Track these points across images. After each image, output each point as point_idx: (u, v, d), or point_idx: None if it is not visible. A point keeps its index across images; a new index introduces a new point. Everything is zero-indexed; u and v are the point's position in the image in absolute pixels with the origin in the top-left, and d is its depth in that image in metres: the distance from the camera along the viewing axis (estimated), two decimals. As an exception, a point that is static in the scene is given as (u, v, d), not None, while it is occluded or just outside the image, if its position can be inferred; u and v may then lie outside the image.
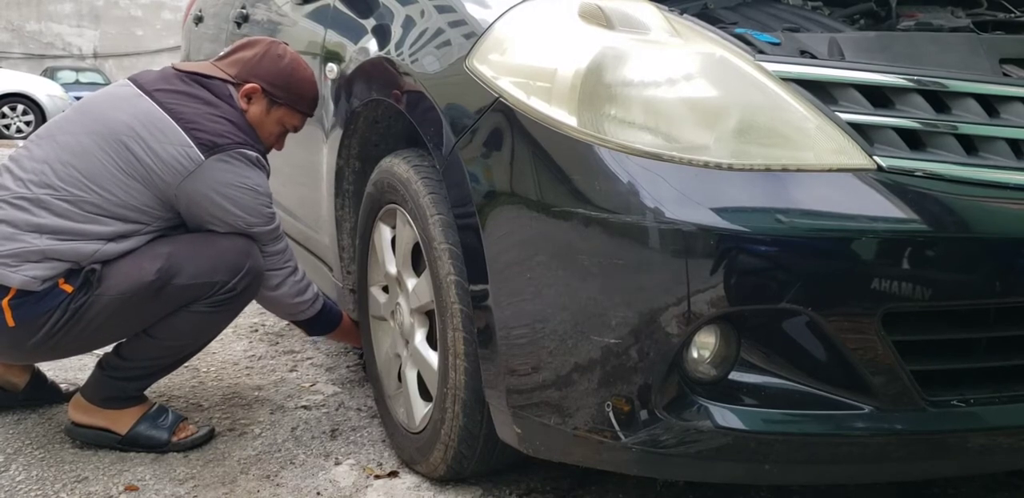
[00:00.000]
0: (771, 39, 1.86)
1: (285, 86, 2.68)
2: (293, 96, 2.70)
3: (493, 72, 1.95)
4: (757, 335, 1.72)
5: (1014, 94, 1.79)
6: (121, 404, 2.61)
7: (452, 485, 2.35)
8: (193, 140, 2.43)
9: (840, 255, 1.64)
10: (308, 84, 2.74)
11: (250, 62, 2.68)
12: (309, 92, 2.75)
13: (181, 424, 2.64)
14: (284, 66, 2.69)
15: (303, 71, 2.73)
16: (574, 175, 1.77)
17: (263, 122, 2.69)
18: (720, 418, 1.71)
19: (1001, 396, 1.77)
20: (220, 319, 2.59)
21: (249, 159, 2.50)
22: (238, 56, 2.71)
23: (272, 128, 2.72)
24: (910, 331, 1.70)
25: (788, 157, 1.68)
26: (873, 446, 1.73)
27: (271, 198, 2.56)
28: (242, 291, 2.53)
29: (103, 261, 2.41)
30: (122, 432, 2.59)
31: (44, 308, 2.37)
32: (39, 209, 2.37)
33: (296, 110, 2.73)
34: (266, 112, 2.68)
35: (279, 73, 2.68)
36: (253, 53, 2.70)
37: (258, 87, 2.65)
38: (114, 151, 2.42)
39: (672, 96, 1.74)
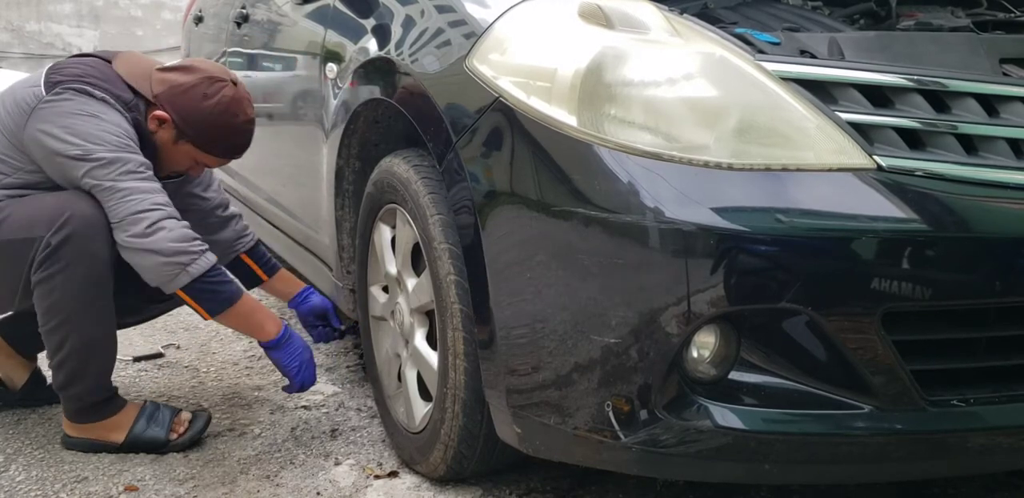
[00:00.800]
0: (771, 39, 1.86)
1: (197, 126, 2.52)
2: (206, 140, 2.55)
3: (493, 72, 1.95)
4: (757, 335, 1.72)
5: (1014, 94, 1.80)
6: (98, 414, 2.56)
7: (452, 485, 2.35)
8: (44, 80, 2.41)
9: (840, 255, 1.64)
10: (229, 131, 2.57)
11: (176, 89, 2.52)
12: (228, 139, 2.59)
13: (177, 418, 2.61)
14: (205, 107, 2.51)
15: (228, 118, 2.54)
16: (574, 175, 1.77)
17: (170, 150, 2.57)
18: (720, 418, 1.72)
19: (1001, 396, 1.77)
20: (63, 284, 2.37)
21: (92, 95, 2.40)
22: (172, 76, 2.54)
23: (179, 158, 2.61)
24: (910, 331, 1.70)
25: (788, 157, 1.68)
26: (873, 446, 1.73)
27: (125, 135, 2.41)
28: (60, 244, 2.33)
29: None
30: (119, 441, 2.56)
31: None
32: None
33: (206, 152, 2.59)
34: (173, 142, 2.55)
35: (196, 112, 2.51)
36: (184, 81, 2.52)
37: (167, 118, 2.51)
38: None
39: (672, 96, 1.74)
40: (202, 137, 2.54)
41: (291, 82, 3.31)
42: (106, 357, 2.53)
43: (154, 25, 13.47)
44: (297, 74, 3.24)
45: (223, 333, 3.63)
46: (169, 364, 3.31)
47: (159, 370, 3.25)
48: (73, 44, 13.38)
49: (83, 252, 2.35)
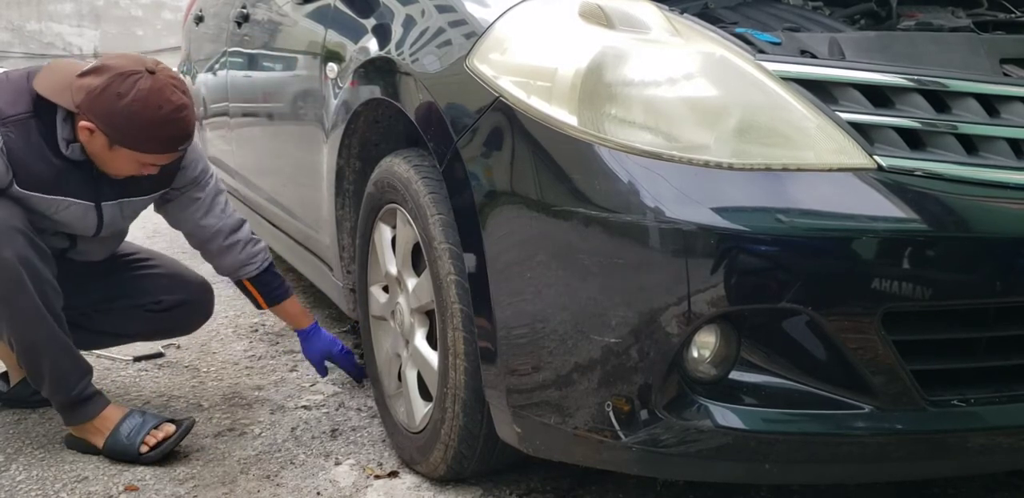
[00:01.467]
0: (771, 39, 1.86)
1: (122, 128, 2.38)
2: (132, 139, 2.40)
3: (493, 71, 1.95)
4: (757, 335, 1.72)
5: (1014, 94, 1.79)
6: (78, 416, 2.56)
7: (452, 485, 2.35)
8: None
9: (840, 255, 1.64)
10: (156, 127, 2.40)
11: (91, 94, 2.36)
12: (157, 134, 2.42)
13: (152, 431, 2.55)
14: (122, 107, 2.35)
15: (150, 112, 2.37)
16: (574, 174, 1.77)
17: (109, 157, 2.45)
18: (720, 418, 1.72)
19: (1001, 396, 1.77)
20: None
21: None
22: (87, 82, 2.38)
23: (123, 163, 2.47)
24: (910, 331, 1.70)
25: (788, 156, 1.68)
26: (873, 446, 1.73)
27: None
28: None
29: None
30: (99, 445, 2.56)
31: None
32: None
33: (141, 151, 2.44)
34: (107, 148, 2.42)
35: (115, 114, 2.36)
36: (96, 84, 2.36)
37: (91, 128, 2.38)
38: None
39: (672, 95, 1.74)
40: (131, 138, 2.40)
41: (291, 82, 3.31)
42: (53, 358, 2.49)
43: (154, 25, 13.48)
44: (297, 74, 3.24)
45: (223, 333, 3.64)
46: (169, 364, 3.31)
47: (159, 370, 3.24)
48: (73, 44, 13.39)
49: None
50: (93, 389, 2.58)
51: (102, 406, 2.58)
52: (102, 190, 2.55)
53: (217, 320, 3.78)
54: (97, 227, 2.59)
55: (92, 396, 2.57)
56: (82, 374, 2.55)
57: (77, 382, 2.53)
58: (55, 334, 2.47)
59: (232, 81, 4.21)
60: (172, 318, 2.88)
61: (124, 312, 2.78)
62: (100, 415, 2.56)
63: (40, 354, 2.47)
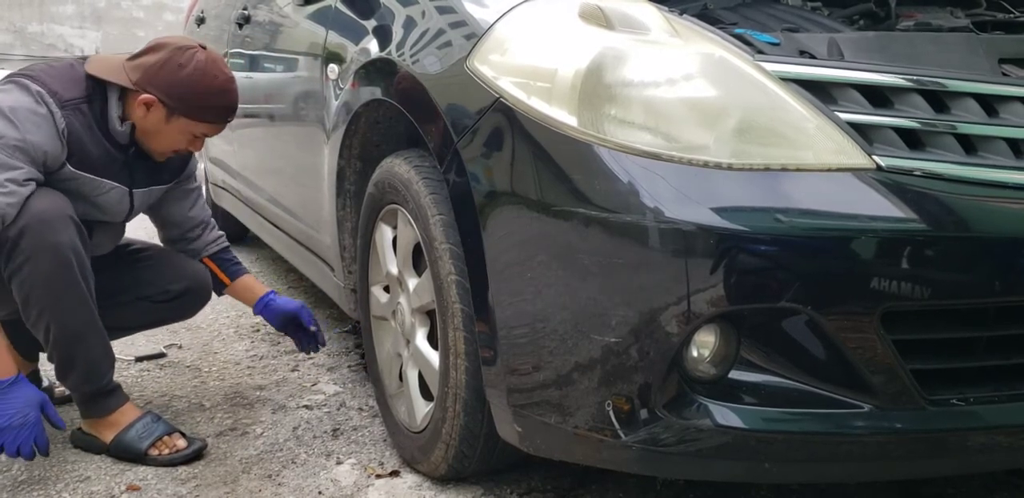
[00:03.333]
0: (770, 39, 1.86)
1: (183, 97, 2.53)
2: (195, 107, 2.55)
3: (494, 72, 1.95)
4: (757, 334, 1.72)
5: (1013, 94, 1.79)
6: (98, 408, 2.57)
7: (453, 484, 2.35)
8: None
9: (839, 254, 1.64)
10: (216, 95, 2.58)
11: (151, 69, 2.52)
12: (215, 103, 2.59)
13: (166, 438, 2.57)
14: (184, 77, 2.52)
15: (209, 80, 2.55)
16: (574, 175, 1.77)
17: (164, 130, 2.58)
18: (720, 417, 1.72)
19: (1001, 395, 1.77)
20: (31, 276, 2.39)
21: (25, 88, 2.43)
22: (143, 60, 2.55)
23: (176, 136, 2.61)
24: (910, 330, 1.70)
25: (788, 157, 1.68)
26: (873, 445, 1.73)
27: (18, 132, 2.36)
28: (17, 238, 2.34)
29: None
30: (107, 441, 2.57)
31: None
32: None
33: (200, 120, 2.59)
34: (165, 121, 2.55)
35: (177, 84, 2.52)
36: (156, 59, 2.53)
37: (154, 98, 2.52)
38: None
39: (672, 96, 1.74)
40: (192, 106, 2.54)
41: (292, 83, 3.32)
42: (89, 346, 2.53)
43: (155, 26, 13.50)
44: (298, 75, 3.24)
45: (225, 333, 3.64)
46: (171, 364, 3.32)
47: (161, 370, 3.25)
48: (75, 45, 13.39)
49: (42, 243, 2.36)
50: (116, 383, 2.61)
51: (123, 400, 2.61)
52: (136, 177, 2.64)
53: (219, 320, 3.79)
54: (128, 213, 2.69)
55: (116, 389, 2.61)
56: (111, 365, 2.59)
57: (107, 372, 2.57)
58: (96, 322, 2.51)
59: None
60: (179, 306, 2.89)
61: (130, 305, 2.78)
62: (120, 409, 2.59)
63: (79, 342, 2.50)
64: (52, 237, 2.37)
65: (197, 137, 2.65)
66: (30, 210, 2.35)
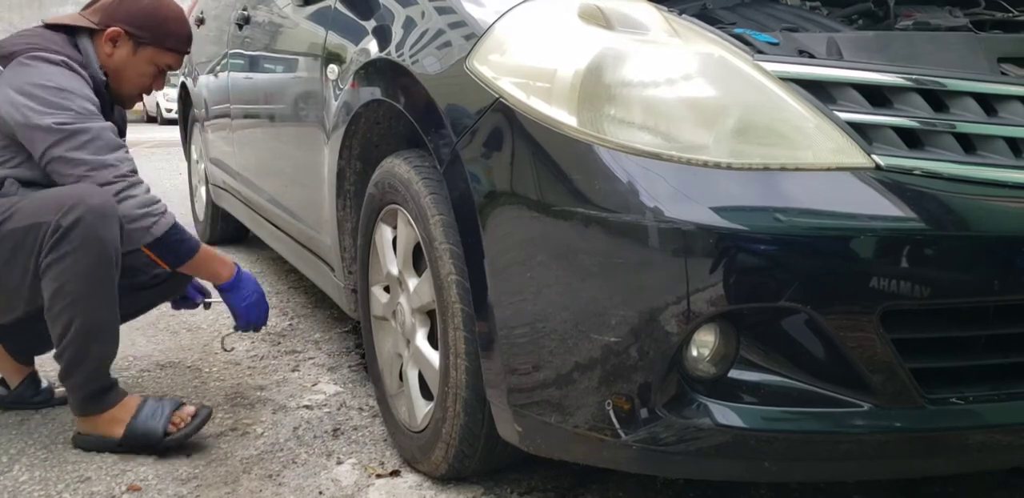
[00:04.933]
0: (770, 39, 1.86)
1: (147, 26, 2.70)
2: (158, 34, 2.71)
3: (493, 72, 1.95)
4: (756, 333, 1.72)
5: (1012, 93, 1.79)
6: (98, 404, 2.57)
7: (453, 484, 2.35)
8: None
9: (839, 253, 1.63)
10: (174, 22, 2.75)
11: (110, 6, 2.69)
12: (176, 29, 2.76)
13: (178, 412, 2.61)
14: (145, 5, 2.70)
15: (167, 7, 2.74)
16: (574, 175, 1.77)
17: (131, 63, 2.72)
18: (720, 416, 1.71)
19: (1000, 394, 1.77)
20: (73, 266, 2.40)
21: (50, 60, 2.49)
22: (98, 4, 2.72)
23: (143, 68, 2.75)
24: (909, 329, 1.69)
25: (787, 156, 1.68)
26: (872, 443, 1.72)
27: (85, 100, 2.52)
28: (70, 227, 2.37)
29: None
30: (117, 435, 2.57)
31: None
32: None
33: (165, 48, 2.74)
34: (132, 53, 2.71)
35: (139, 13, 2.69)
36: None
37: (119, 30, 2.67)
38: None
39: (671, 96, 1.74)
40: (157, 33, 2.70)
41: (292, 83, 3.32)
42: (108, 343, 2.54)
43: (155, 27, 13.52)
44: (298, 75, 3.25)
45: (225, 334, 3.64)
46: (172, 364, 3.32)
47: (161, 370, 3.25)
48: (75, 46, 13.43)
49: (92, 235, 2.38)
50: (114, 377, 2.62)
51: (123, 394, 2.62)
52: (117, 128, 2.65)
53: (219, 321, 3.80)
54: None
55: (115, 383, 2.61)
56: (112, 361, 2.60)
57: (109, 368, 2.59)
58: (117, 322, 2.56)
59: (233, 83, 4.22)
60: (168, 287, 2.90)
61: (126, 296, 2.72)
62: (121, 403, 2.59)
63: (99, 338, 2.51)
64: (103, 232, 2.40)
65: (161, 70, 2.79)
66: (87, 202, 2.38)
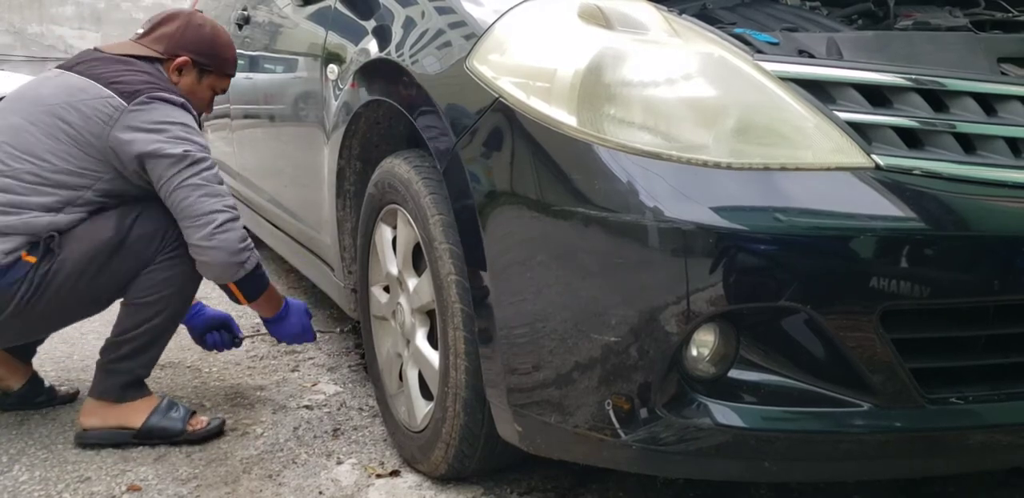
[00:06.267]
0: (769, 39, 1.86)
1: (211, 54, 2.81)
2: (219, 62, 2.84)
3: (493, 72, 1.95)
4: (756, 333, 1.72)
5: (1012, 93, 1.79)
6: (135, 392, 2.66)
7: (453, 484, 2.36)
8: (114, 91, 2.53)
9: (838, 253, 1.64)
10: (230, 48, 2.89)
11: (174, 36, 2.77)
12: (231, 54, 2.89)
13: (192, 418, 2.68)
14: (207, 34, 2.82)
15: (222, 36, 2.87)
16: (574, 174, 1.77)
17: (196, 90, 2.82)
18: (720, 416, 1.71)
19: (1000, 394, 1.77)
20: (186, 262, 2.60)
21: (173, 102, 2.57)
22: (161, 32, 2.78)
23: (204, 94, 2.87)
24: (909, 329, 1.70)
25: (787, 156, 1.68)
26: (872, 443, 1.73)
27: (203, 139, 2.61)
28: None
29: (60, 230, 2.48)
30: (136, 425, 2.63)
31: (10, 280, 2.43)
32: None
33: (224, 74, 2.89)
34: (197, 81, 2.82)
35: (203, 42, 2.80)
36: (176, 27, 2.78)
37: (188, 60, 2.77)
38: (41, 121, 2.51)
39: (671, 96, 1.74)
40: (219, 60, 2.84)
41: (292, 83, 3.32)
42: (170, 336, 2.73)
43: (155, 28, 13.49)
44: (298, 75, 3.25)
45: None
46: (172, 364, 3.32)
47: (161, 370, 3.25)
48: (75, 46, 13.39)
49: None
50: None
51: (149, 390, 2.73)
52: None
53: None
54: None
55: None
56: None
57: None
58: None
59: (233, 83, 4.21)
60: None
61: None
62: (149, 396, 2.70)
63: (169, 330, 2.71)
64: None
65: (216, 95, 2.93)
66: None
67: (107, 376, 2.65)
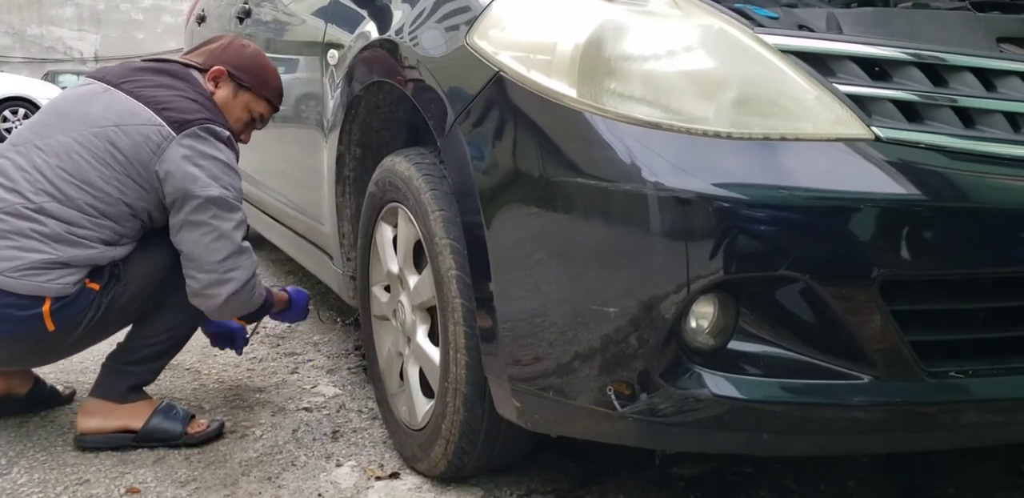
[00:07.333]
0: (769, 14, 1.88)
1: (249, 70, 2.86)
2: (257, 80, 2.87)
3: (493, 48, 1.98)
4: (756, 304, 1.73)
5: (1012, 68, 1.82)
6: (138, 394, 2.73)
7: (453, 486, 2.39)
8: (164, 119, 2.55)
9: (837, 223, 1.66)
10: (271, 72, 2.93)
11: (215, 51, 2.88)
12: (273, 80, 2.93)
13: (191, 420, 2.73)
14: (249, 53, 2.89)
15: (266, 60, 2.93)
16: (574, 146, 1.79)
17: (229, 106, 2.84)
18: (719, 387, 1.73)
19: (999, 368, 1.79)
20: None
21: (220, 137, 2.60)
22: (204, 48, 2.91)
23: (239, 114, 2.88)
24: (908, 301, 1.71)
25: (787, 127, 1.70)
26: (871, 416, 1.74)
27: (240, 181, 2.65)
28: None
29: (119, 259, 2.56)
30: (138, 427, 2.67)
31: (79, 308, 2.51)
32: (45, 217, 2.46)
33: (261, 96, 2.89)
34: (232, 96, 2.85)
35: (244, 58, 2.87)
36: (218, 44, 2.91)
37: (224, 70, 2.83)
38: (93, 145, 2.53)
39: (672, 69, 1.76)
40: (256, 79, 2.87)
41: (294, 70, 3.38)
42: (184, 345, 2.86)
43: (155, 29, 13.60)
44: (300, 61, 3.32)
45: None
46: (171, 366, 3.32)
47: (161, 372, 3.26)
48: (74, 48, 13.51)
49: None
50: None
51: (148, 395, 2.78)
52: None
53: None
54: None
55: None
56: None
57: None
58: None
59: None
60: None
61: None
62: (149, 399, 2.76)
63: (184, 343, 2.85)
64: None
65: (254, 119, 2.93)
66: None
67: (115, 377, 2.71)
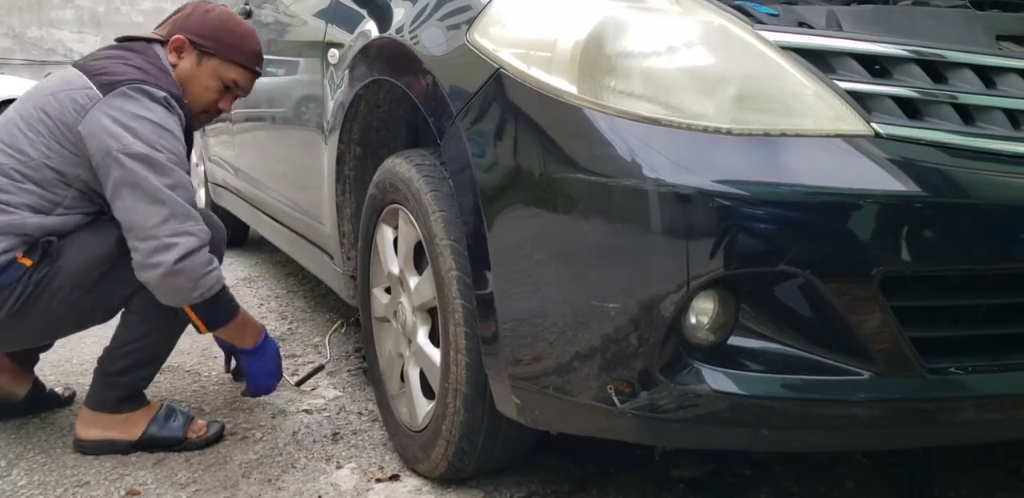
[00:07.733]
0: (769, 11, 1.89)
1: (212, 36, 2.77)
2: (222, 45, 2.78)
3: (494, 45, 2.00)
4: (756, 300, 1.75)
5: (1011, 66, 1.83)
6: (133, 403, 2.70)
7: (454, 488, 2.40)
8: (95, 82, 2.51)
9: (837, 219, 1.67)
10: (240, 35, 2.83)
11: (179, 20, 2.79)
12: (243, 43, 2.83)
13: (191, 424, 2.73)
14: (211, 18, 2.80)
15: (233, 22, 2.84)
16: (575, 142, 1.81)
17: (196, 75, 2.77)
18: (719, 383, 1.74)
19: (999, 364, 1.80)
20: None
21: (153, 96, 2.51)
22: (170, 20, 2.82)
23: (208, 82, 2.80)
24: (909, 297, 1.72)
25: (787, 123, 1.72)
26: (871, 412, 1.76)
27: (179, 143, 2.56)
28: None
29: (56, 234, 2.49)
30: (135, 437, 2.67)
31: (6, 282, 2.44)
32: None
33: (229, 61, 2.80)
34: (196, 64, 2.77)
35: (206, 24, 2.78)
36: (182, 13, 2.82)
37: (183, 38, 2.75)
38: (27, 113, 2.53)
39: (672, 65, 1.78)
40: (221, 44, 2.78)
41: (295, 71, 3.40)
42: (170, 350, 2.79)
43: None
44: (301, 62, 3.33)
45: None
46: (171, 368, 3.37)
47: (160, 374, 3.28)
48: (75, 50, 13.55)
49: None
50: None
51: (147, 400, 2.76)
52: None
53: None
54: None
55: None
56: None
57: None
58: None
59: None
60: None
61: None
62: (147, 407, 2.74)
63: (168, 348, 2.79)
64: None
65: (228, 87, 2.84)
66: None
67: (105, 388, 2.69)
